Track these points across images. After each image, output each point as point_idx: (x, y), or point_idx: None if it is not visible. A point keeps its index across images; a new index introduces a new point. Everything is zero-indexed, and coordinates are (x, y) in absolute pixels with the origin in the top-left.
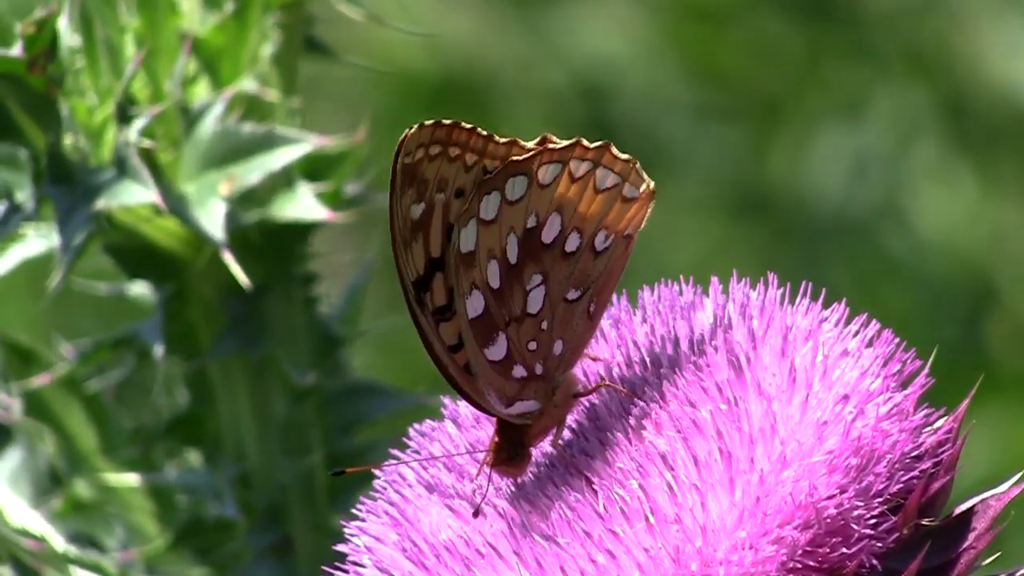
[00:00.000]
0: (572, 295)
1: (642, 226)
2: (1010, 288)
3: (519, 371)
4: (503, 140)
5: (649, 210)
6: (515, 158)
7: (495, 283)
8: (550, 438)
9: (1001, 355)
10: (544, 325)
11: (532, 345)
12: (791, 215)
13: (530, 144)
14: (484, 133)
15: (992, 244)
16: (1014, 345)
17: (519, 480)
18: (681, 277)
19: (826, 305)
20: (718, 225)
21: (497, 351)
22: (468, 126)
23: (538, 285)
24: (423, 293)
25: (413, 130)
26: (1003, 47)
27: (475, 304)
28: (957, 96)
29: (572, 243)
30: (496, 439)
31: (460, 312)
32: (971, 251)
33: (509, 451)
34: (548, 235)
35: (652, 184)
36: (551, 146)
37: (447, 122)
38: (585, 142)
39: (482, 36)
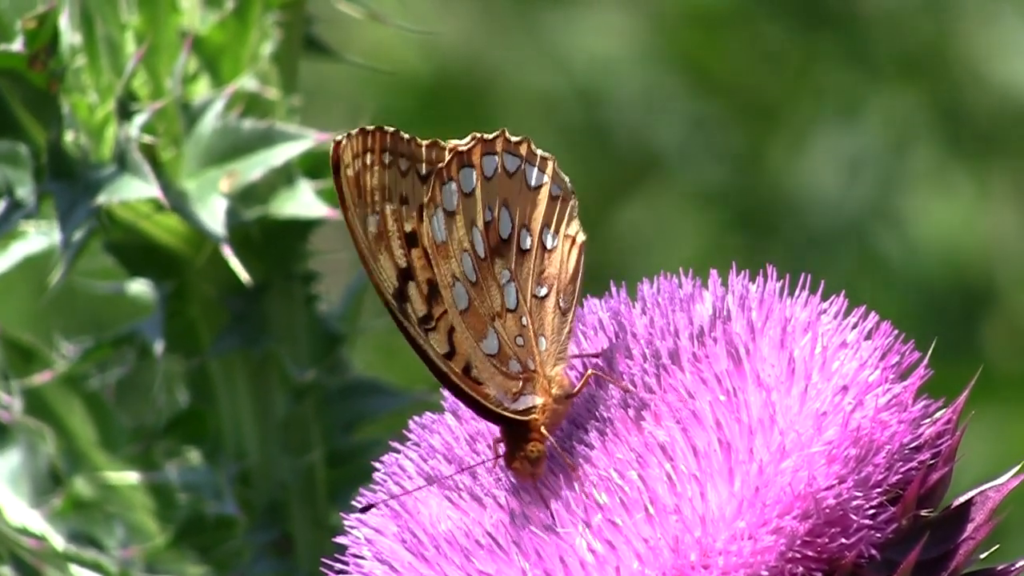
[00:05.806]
0: (540, 292)
1: (577, 222)
2: (1005, 291)
3: (515, 366)
4: (425, 142)
5: (576, 206)
6: (461, 149)
7: (472, 276)
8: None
9: (996, 357)
10: (524, 320)
11: (519, 340)
12: (786, 219)
13: (452, 142)
14: (406, 136)
15: (987, 247)
16: (1010, 347)
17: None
18: (680, 270)
19: (824, 298)
20: (713, 228)
21: (491, 344)
22: (390, 129)
23: (509, 281)
24: (404, 304)
25: (342, 141)
26: (998, 50)
27: (459, 296)
28: (952, 99)
29: (525, 241)
30: (504, 445)
31: (448, 303)
32: (966, 254)
33: (522, 451)
34: (504, 230)
35: (570, 181)
36: (484, 136)
37: (370, 128)
38: (508, 134)
39: (479, 37)
